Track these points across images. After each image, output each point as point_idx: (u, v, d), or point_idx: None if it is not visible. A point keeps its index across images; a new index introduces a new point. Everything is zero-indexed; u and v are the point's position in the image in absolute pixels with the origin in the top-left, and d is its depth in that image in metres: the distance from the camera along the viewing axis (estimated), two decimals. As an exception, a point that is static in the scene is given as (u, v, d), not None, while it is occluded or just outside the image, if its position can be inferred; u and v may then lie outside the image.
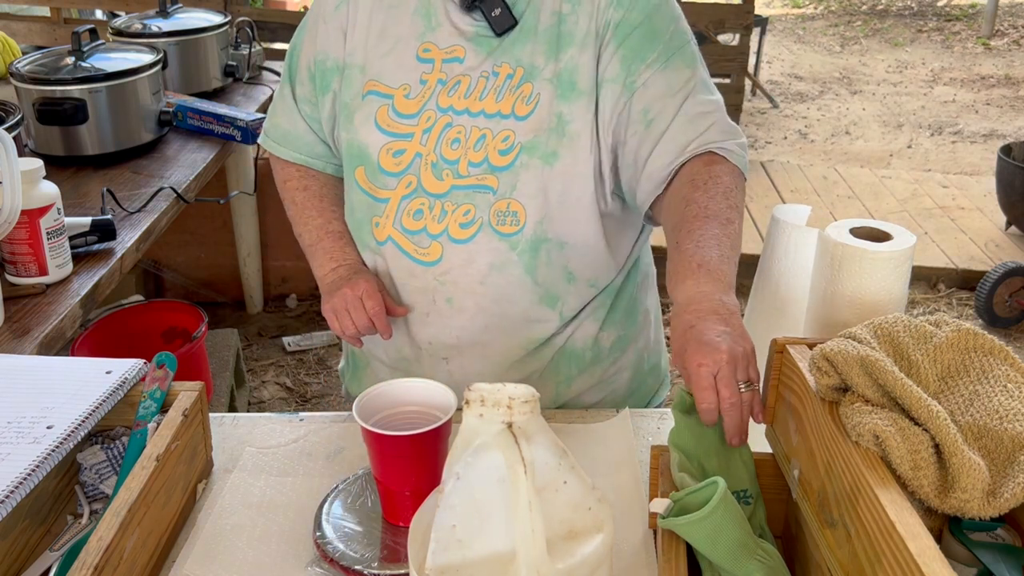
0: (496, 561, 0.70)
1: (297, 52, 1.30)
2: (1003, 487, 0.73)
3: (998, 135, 6.21)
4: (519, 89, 1.15)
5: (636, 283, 1.31)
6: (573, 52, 1.15)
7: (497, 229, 1.17)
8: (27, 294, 1.54)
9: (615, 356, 1.30)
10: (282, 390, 3.24)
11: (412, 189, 1.19)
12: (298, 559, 0.97)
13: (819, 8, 10.81)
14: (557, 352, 1.26)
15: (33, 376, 1.02)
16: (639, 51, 1.14)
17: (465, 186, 1.17)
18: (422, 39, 1.19)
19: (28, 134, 2.13)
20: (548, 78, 1.15)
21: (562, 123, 1.15)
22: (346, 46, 1.23)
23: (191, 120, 2.39)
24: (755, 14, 5.22)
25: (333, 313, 1.23)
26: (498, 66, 1.16)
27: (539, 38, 1.15)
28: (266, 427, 1.20)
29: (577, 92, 1.14)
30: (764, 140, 6.05)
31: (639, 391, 1.36)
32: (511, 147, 1.15)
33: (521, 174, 1.15)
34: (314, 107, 1.29)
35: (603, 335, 1.27)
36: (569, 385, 1.28)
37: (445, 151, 1.17)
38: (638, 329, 1.33)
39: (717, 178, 1.10)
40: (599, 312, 1.26)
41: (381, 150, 1.20)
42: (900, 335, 0.85)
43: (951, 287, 4.07)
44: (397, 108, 1.19)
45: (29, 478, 0.84)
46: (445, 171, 1.17)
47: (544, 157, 1.15)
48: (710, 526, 0.79)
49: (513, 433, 0.72)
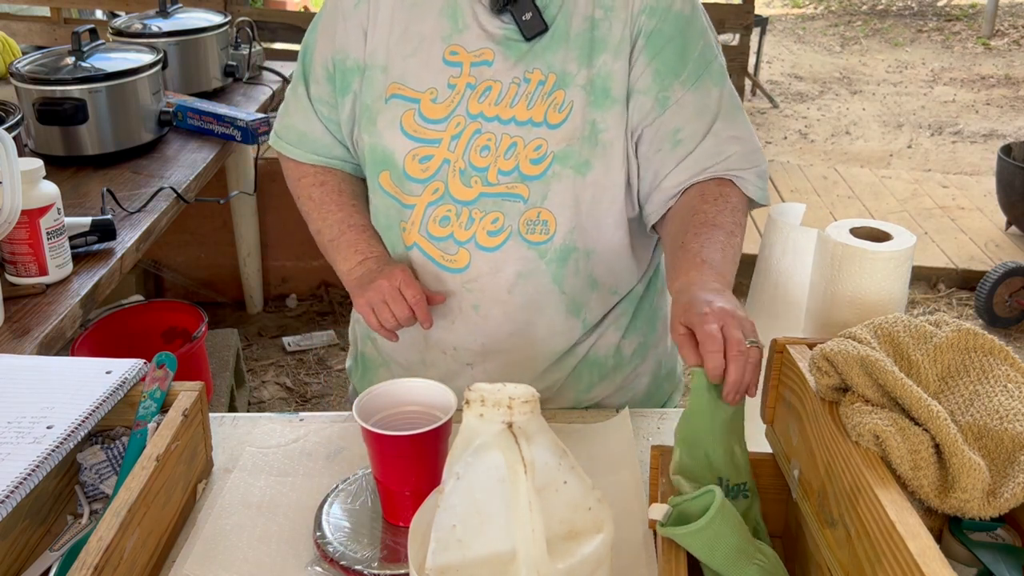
0: (496, 561, 0.70)
1: (311, 51, 1.26)
2: (1003, 487, 0.73)
3: (998, 135, 6.21)
4: (551, 96, 1.13)
5: (656, 290, 1.31)
6: (607, 59, 1.13)
7: (527, 238, 1.16)
8: (27, 294, 1.54)
9: (636, 363, 1.30)
10: (282, 390, 3.24)
11: (439, 196, 1.17)
12: (298, 559, 0.97)
13: (819, 8, 10.81)
14: (580, 361, 1.25)
15: (33, 376, 1.02)
16: (672, 66, 1.13)
17: (494, 194, 1.15)
18: (448, 41, 1.16)
19: (28, 134, 2.13)
20: (581, 85, 1.13)
21: (595, 131, 1.13)
22: (367, 46, 1.19)
23: (191, 120, 2.39)
24: (755, 14, 5.21)
25: (370, 307, 1.17)
26: (529, 72, 1.13)
27: (571, 44, 1.13)
28: (266, 427, 1.20)
29: (611, 100, 1.13)
30: (764, 140, 6.05)
31: (655, 396, 1.36)
32: (543, 156, 1.13)
33: (553, 184, 1.14)
34: (332, 108, 1.25)
35: (625, 343, 1.27)
36: (589, 392, 1.28)
37: (474, 158, 1.15)
38: (658, 336, 1.33)
39: (726, 197, 1.12)
40: (622, 320, 1.26)
41: (407, 156, 1.17)
42: (900, 335, 0.85)
43: (951, 287, 4.07)
44: (424, 113, 1.16)
45: (29, 478, 0.84)
46: (474, 178, 1.15)
47: (577, 167, 1.13)
48: (708, 536, 0.79)
49: (513, 433, 0.72)
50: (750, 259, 1.26)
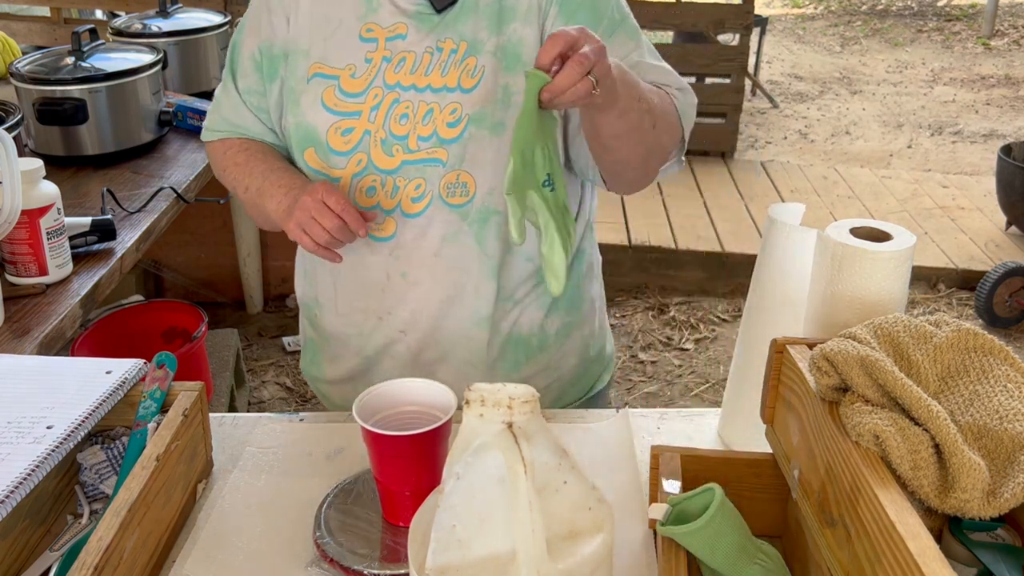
0: (496, 561, 0.70)
1: (238, 48, 1.30)
2: (1003, 487, 0.73)
3: (998, 135, 6.21)
4: (464, 63, 1.18)
5: (580, 272, 1.35)
6: (516, 26, 1.18)
7: (448, 201, 1.20)
8: (27, 294, 1.54)
9: (560, 342, 1.33)
10: (282, 390, 3.24)
11: (363, 167, 1.21)
12: (298, 559, 0.97)
13: (819, 8, 10.81)
14: (505, 338, 1.29)
15: (33, 376, 1.02)
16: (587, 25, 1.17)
17: (415, 160, 1.19)
18: (364, 20, 1.21)
19: (28, 134, 2.13)
20: (491, 51, 1.18)
21: (508, 94, 1.17)
22: (290, 32, 1.24)
23: (191, 120, 2.39)
24: (755, 14, 5.22)
25: (300, 228, 1.15)
26: (442, 41, 1.18)
27: (481, 13, 1.18)
28: (266, 427, 1.20)
29: (522, 64, 1.17)
30: (764, 140, 6.05)
31: (584, 376, 1.40)
32: (459, 119, 1.17)
33: (469, 146, 1.18)
34: (261, 97, 1.29)
35: (548, 321, 1.31)
36: (517, 371, 1.32)
37: (394, 127, 1.19)
38: (583, 317, 1.36)
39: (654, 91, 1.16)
40: (544, 299, 1.30)
41: (329, 129, 1.21)
42: (900, 335, 0.85)
43: (951, 287, 4.07)
44: (343, 87, 1.20)
45: (29, 478, 0.84)
46: (395, 147, 1.19)
47: (492, 128, 1.17)
48: (708, 534, 0.79)
49: (513, 433, 0.72)
50: (750, 259, 1.26)
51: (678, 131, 1.21)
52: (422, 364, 1.29)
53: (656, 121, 1.14)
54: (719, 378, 3.43)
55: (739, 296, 3.94)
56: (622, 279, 4.13)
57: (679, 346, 3.67)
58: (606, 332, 1.45)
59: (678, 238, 4.24)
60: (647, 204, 4.59)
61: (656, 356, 3.61)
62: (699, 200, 4.71)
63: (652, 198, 4.68)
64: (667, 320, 3.86)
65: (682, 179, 4.96)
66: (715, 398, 3.32)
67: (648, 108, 1.12)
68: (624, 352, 3.62)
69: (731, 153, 5.35)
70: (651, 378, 3.47)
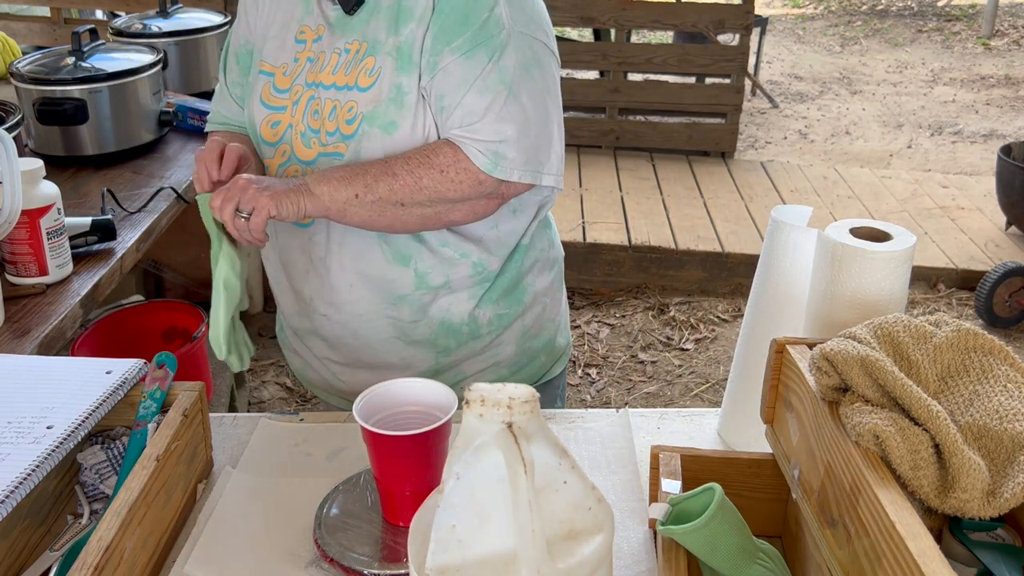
0: (496, 561, 0.70)
1: (228, 47, 1.41)
2: (1003, 487, 0.73)
3: (998, 135, 6.21)
4: (363, 63, 1.23)
5: (519, 268, 1.37)
6: (413, 26, 1.21)
7: None
8: (27, 294, 1.54)
9: (495, 332, 1.37)
10: (282, 390, 3.24)
11: (287, 157, 1.29)
12: (298, 559, 0.97)
13: (819, 8, 10.81)
14: (436, 324, 1.33)
15: (33, 376, 1.02)
16: (448, 33, 1.20)
17: (327, 153, 1.26)
18: (300, 22, 1.30)
19: (28, 134, 2.13)
20: (388, 52, 1.22)
21: (401, 94, 1.22)
22: (251, 31, 1.36)
23: (191, 120, 2.39)
24: (755, 14, 5.22)
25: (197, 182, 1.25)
26: (349, 43, 1.25)
27: (382, 14, 1.23)
28: (266, 427, 1.20)
29: (412, 64, 1.21)
30: (764, 140, 6.05)
31: (529, 366, 1.44)
32: (354, 117, 1.23)
33: (364, 142, 1.23)
34: (243, 88, 1.39)
35: (479, 312, 1.35)
36: (448, 355, 1.36)
37: (310, 121, 1.27)
38: (524, 309, 1.40)
39: (436, 150, 1.20)
40: (475, 290, 1.34)
41: (263, 122, 1.31)
42: (900, 335, 0.85)
43: (951, 287, 4.07)
44: (276, 84, 1.31)
45: (29, 478, 0.84)
46: (312, 139, 1.27)
47: (384, 127, 1.22)
48: (708, 534, 0.79)
49: (513, 433, 0.72)
50: (750, 259, 1.26)
51: (471, 181, 1.20)
52: (344, 347, 1.35)
53: (404, 199, 1.19)
54: (719, 378, 3.43)
55: (739, 296, 3.94)
56: (622, 279, 4.13)
57: (679, 346, 3.67)
58: (558, 325, 1.48)
59: (678, 238, 4.24)
60: (647, 204, 4.59)
61: (656, 356, 3.61)
62: (699, 200, 4.71)
63: (652, 198, 4.68)
64: (667, 320, 3.86)
65: (682, 179, 4.97)
66: (715, 398, 3.32)
67: (380, 197, 1.18)
68: (624, 352, 3.63)
69: (731, 153, 5.35)
70: (651, 378, 3.47)
